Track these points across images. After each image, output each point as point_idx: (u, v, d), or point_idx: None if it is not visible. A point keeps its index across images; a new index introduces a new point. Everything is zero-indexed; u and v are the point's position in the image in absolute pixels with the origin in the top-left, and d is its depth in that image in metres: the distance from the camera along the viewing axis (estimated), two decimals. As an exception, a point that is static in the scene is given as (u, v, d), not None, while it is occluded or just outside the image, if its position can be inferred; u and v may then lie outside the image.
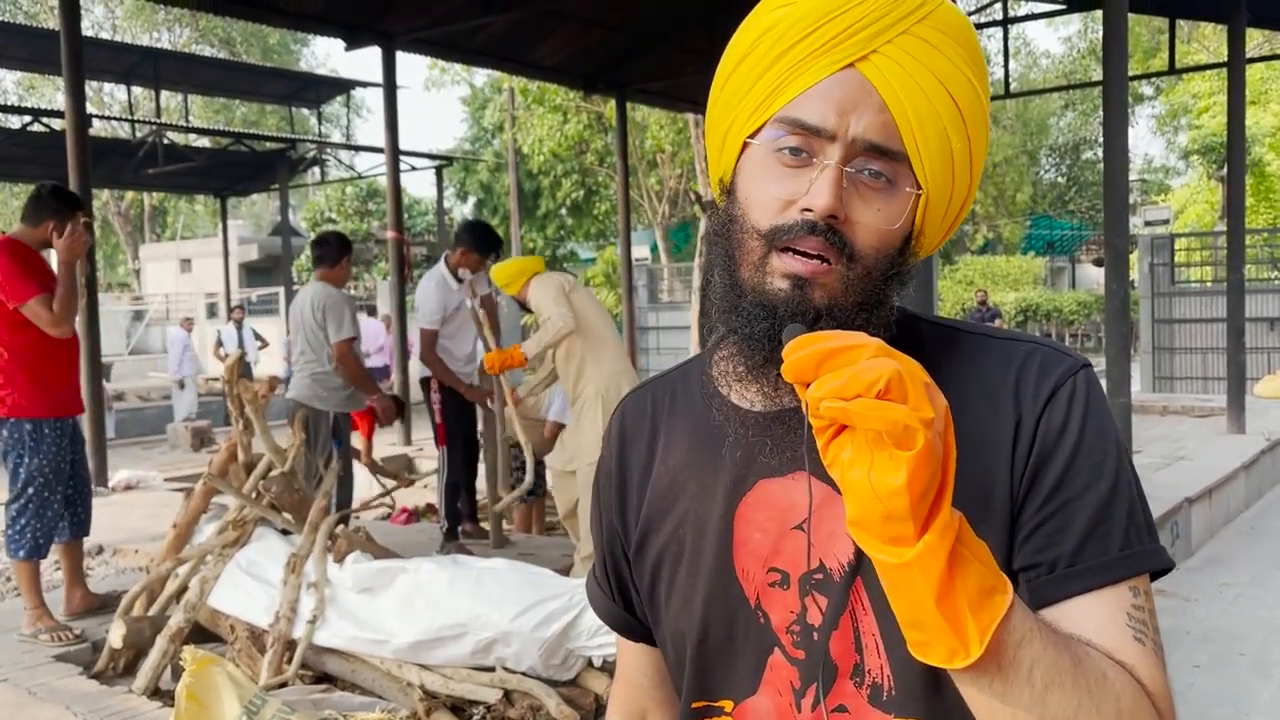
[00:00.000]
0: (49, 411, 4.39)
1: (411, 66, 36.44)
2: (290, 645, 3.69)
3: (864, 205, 0.84)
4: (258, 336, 15.69)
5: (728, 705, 0.95)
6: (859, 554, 0.86)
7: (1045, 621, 0.78)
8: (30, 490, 4.36)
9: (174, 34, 32.46)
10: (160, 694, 3.73)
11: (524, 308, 5.28)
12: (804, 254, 0.84)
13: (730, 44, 0.90)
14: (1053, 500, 0.85)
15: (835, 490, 0.73)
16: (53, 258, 4.53)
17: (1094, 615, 0.81)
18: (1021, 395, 0.88)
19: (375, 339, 13.75)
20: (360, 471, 6.50)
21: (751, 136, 0.87)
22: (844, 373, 0.67)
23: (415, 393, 7.47)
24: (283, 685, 3.54)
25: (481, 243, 5.74)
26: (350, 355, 5.44)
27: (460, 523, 5.85)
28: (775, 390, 0.90)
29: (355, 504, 5.98)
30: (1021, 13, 12.40)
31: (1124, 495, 0.85)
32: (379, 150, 14.32)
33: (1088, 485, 0.84)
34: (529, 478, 5.66)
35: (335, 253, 5.58)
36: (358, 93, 24.57)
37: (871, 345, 0.68)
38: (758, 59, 0.86)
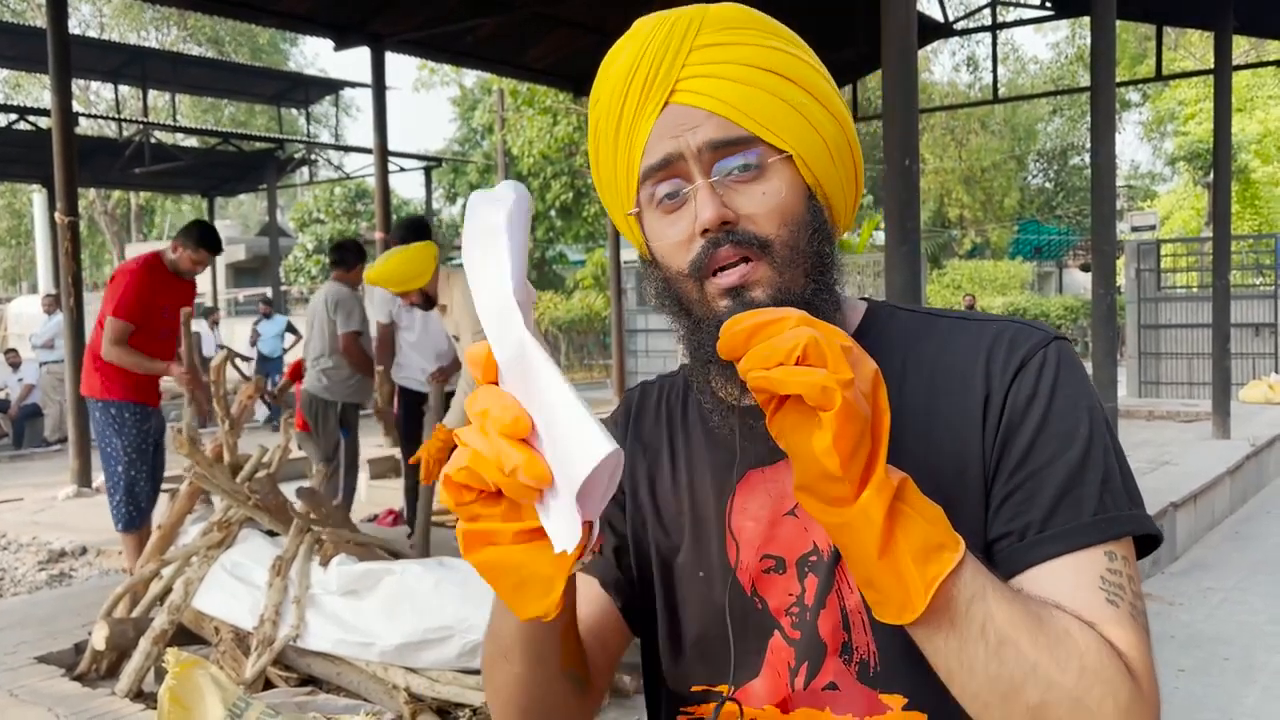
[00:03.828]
0: (131, 396, 5.02)
1: (401, 67, 36.40)
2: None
3: (748, 199, 0.88)
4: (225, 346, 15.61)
5: (725, 689, 0.97)
6: None
7: (1008, 584, 0.79)
8: (119, 468, 5.00)
9: (162, 33, 32.33)
10: (143, 696, 3.70)
11: (415, 305, 4.73)
12: (727, 267, 0.88)
13: (589, 158, 0.99)
14: (1021, 470, 0.86)
15: None
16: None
17: (1065, 580, 0.82)
18: (991, 371, 0.90)
19: None
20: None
21: (635, 209, 0.94)
22: (767, 345, 0.70)
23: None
24: (267, 686, 3.52)
25: None
26: (355, 345, 5.77)
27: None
28: (742, 391, 0.92)
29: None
30: (1010, 18, 12.43)
31: (1097, 462, 0.86)
32: (368, 151, 14.30)
33: (1056, 454, 0.86)
34: None
35: (352, 258, 6.03)
36: (347, 93, 24.51)
37: (794, 317, 0.71)
38: (604, 153, 0.94)
